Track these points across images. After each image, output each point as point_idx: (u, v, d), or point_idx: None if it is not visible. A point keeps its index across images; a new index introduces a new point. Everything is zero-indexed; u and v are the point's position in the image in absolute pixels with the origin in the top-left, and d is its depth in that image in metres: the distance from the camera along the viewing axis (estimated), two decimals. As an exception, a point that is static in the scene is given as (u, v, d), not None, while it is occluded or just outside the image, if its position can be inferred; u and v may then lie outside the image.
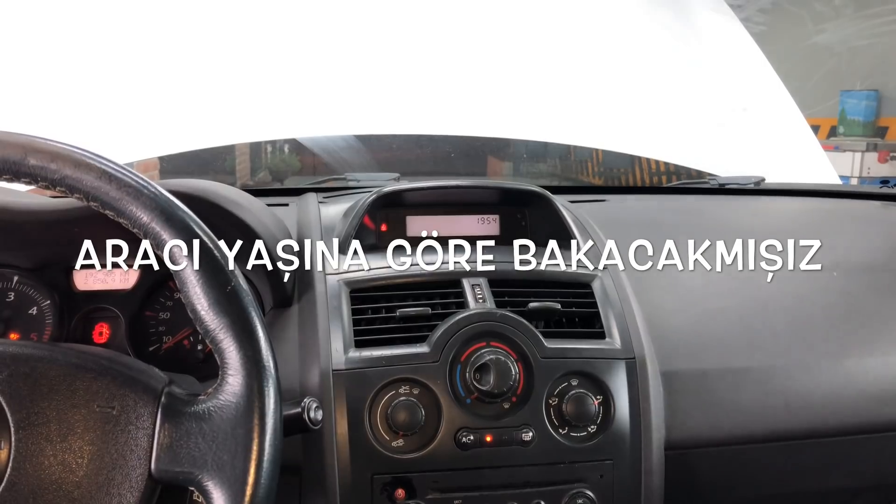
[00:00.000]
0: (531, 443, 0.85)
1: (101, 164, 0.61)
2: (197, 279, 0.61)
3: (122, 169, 0.62)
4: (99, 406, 0.59)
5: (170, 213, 0.62)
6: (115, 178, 0.61)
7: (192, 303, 0.61)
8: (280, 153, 2.23)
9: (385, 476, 0.84)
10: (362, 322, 0.91)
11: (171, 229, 0.61)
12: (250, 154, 2.11)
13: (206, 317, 0.61)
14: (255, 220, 0.90)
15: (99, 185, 0.61)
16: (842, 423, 0.96)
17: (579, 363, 0.88)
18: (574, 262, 1.01)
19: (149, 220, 0.61)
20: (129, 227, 0.62)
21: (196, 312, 0.61)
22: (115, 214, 0.62)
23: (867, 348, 1.01)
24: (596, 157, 2.06)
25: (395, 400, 0.84)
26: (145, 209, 0.61)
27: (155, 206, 0.61)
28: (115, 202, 0.61)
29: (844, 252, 1.15)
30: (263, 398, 0.60)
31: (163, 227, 0.61)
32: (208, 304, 0.61)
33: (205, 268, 0.61)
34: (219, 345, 0.61)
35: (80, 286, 0.98)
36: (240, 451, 0.58)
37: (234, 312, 0.61)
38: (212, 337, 0.61)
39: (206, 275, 0.61)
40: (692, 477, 0.95)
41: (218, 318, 0.61)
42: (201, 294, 0.61)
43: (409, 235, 1.08)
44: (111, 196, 0.61)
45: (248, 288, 0.63)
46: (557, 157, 2.02)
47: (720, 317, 1.01)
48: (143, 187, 0.62)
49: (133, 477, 0.58)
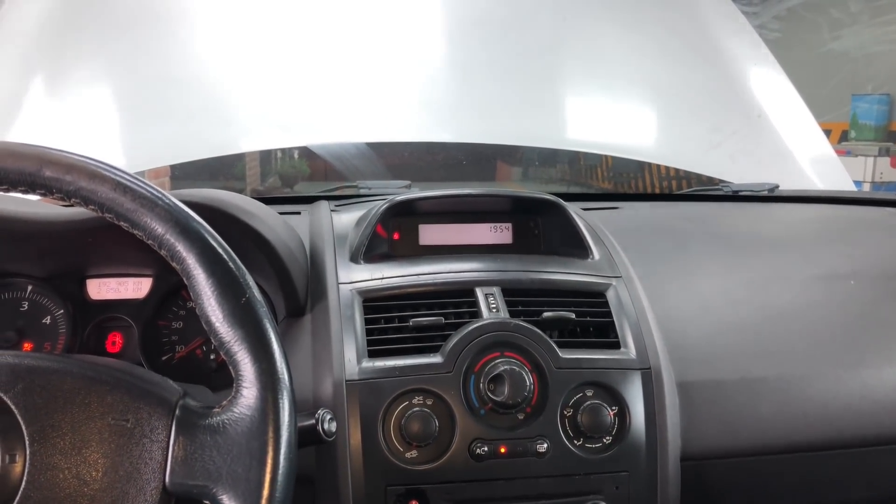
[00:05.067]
0: (546, 454, 0.84)
1: (115, 176, 0.61)
2: (211, 291, 0.61)
3: (136, 180, 0.62)
4: (113, 419, 0.59)
5: (185, 225, 0.61)
6: (130, 189, 0.61)
7: (207, 314, 0.61)
8: (290, 159, 2.24)
9: (399, 487, 0.83)
10: (375, 332, 0.90)
11: (185, 241, 0.61)
12: (260, 160, 2.12)
13: (220, 329, 0.60)
14: (269, 229, 0.90)
15: (114, 196, 0.61)
16: (861, 434, 0.95)
17: (594, 374, 0.87)
18: (588, 270, 1.00)
19: (164, 232, 0.61)
20: (144, 238, 0.62)
21: (211, 324, 0.61)
22: (130, 226, 0.62)
23: (885, 357, 0.99)
24: (607, 163, 2.05)
25: (408, 411, 0.84)
26: (160, 220, 0.61)
27: (170, 218, 0.61)
28: (130, 214, 0.61)
29: (861, 260, 1.14)
30: (278, 411, 0.60)
31: (178, 238, 0.61)
32: (223, 315, 0.60)
33: (219, 279, 0.61)
34: (233, 357, 0.60)
35: (94, 296, 0.98)
36: (254, 465, 0.58)
37: (248, 325, 0.61)
38: (226, 349, 0.61)
39: (221, 286, 0.61)
40: (709, 489, 0.93)
41: (233, 330, 0.60)
42: (216, 306, 0.60)
43: (422, 244, 1.07)
44: (126, 207, 0.61)
45: (262, 299, 0.63)
46: (568, 164, 2.01)
47: (736, 326, 1.00)
48: (157, 199, 0.62)
49: (147, 490, 0.58)
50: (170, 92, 1.56)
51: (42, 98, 1.53)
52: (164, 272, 0.98)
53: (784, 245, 1.18)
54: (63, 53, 1.57)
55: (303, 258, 0.99)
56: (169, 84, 1.56)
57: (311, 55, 1.61)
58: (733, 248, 1.16)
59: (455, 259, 1.00)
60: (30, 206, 0.91)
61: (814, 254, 1.15)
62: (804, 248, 1.18)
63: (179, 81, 1.57)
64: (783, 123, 1.63)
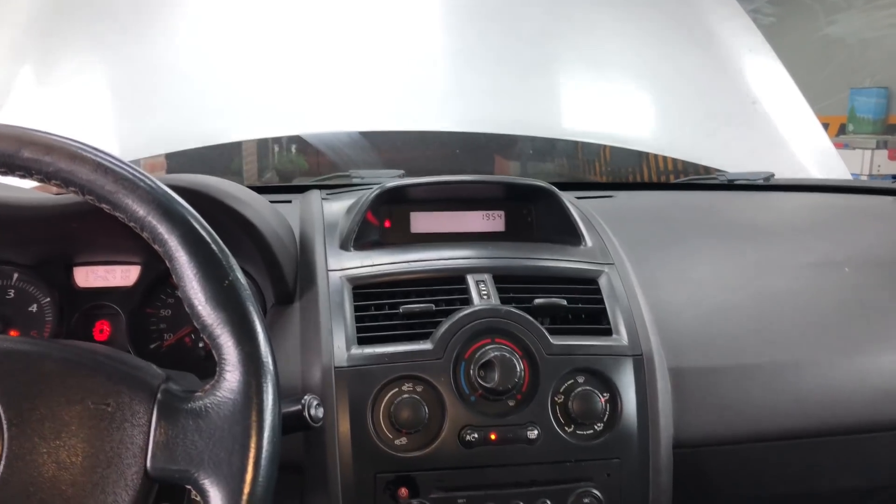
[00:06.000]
0: (537, 441, 0.84)
1: (96, 157, 0.60)
2: (194, 273, 0.60)
3: (117, 162, 0.61)
4: (94, 403, 0.58)
5: (167, 207, 0.60)
6: (111, 170, 0.60)
7: (189, 297, 0.60)
8: (287, 153, 2.22)
9: (388, 475, 0.82)
10: (365, 319, 0.89)
11: (167, 223, 0.60)
12: (258, 155, 2.10)
13: (202, 311, 0.59)
14: (256, 215, 0.89)
15: (94, 177, 0.60)
16: (855, 421, 0.94)
17: (586, 360, 0.87)
18: (580, 257, 0.99)
19: (145, 214, 0.60)
20: (126, 220, 0.61)
21: (193, 307, 0.60)
22: (111, 208, 0.61)
23: (880, 344, 0.99)
24: (604, 154, 2.04)
25: (398, 397, 0.83)
26: (141, 202, 0.60)
27: (151, 200, 0.60)
28: (111, 195, 0.60)
29: (856, 247, 1.13)
30: (261, 395, 0.59)
31: (159, 220, 0.60)
32: (205, 298, 0.59)
33: (202, 261, 0.60)
34: (216, 340, 0.59)
35: (81, 283, 0.97)
36: (237, 449, 0.57)
37: (231, 307, 0.60)
38: (209, 332, 0.60)
39: (204, 269, 0.60)
40: (701, 476, 0.93)
41: (215, 312, 0.59)
42: (198, 288, 0.59)
43: (414, 232, 1.06)
44: (107, 189, 0.60)
45: (246, 283, 0.62)
46: (564, 155, 2.00)
47: (729, 313, 0.99)
48: (139, 180, 0.61)
49: (128, 475, 0.57)
50: (161, 80, 1.55)
51: (34, 87, 1.52)
52: (152, 260, 0.97)
53: (779, 233, 1.18)
54: (55, 41, 1.56)
55: (292, 245, 0.98)
56: (160, 72, 1.55)
57: (304, 43, 1.60)
58: (728, 235, 1.15)
59: (446, 246, 0.99)
60: (14, 192, 0.90)
61: (808, 241, 1.14)
62: (799, 236, 1.17)
63: (171, 70, 1.56)
64: (778, 111, 1.62)
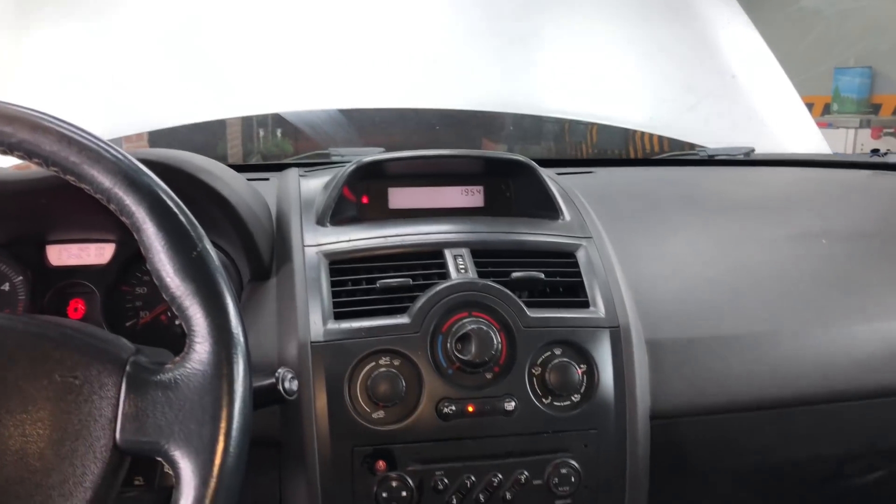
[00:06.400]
0: (514, 412, 0.84)
1: (59, 128, 0.59)
2: (161, 245, 0.59)
3: (82, 132, 0.60)
4: (60, 376, 0.58)
5: (133, 177, 0.60)
6: (75, 141, 0.59)
7: (157, 269, 0.59)
8: (273, 137, 2.20)
9: (366, 448, 0.82)
10: (342, 294, 0.89)
11: (134, 193, 0.59)
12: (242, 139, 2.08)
13: (171, 283, 0.59)
14: (230, 190, 0.88)
15: (58, 148, 0.59)
16: (830, 390, 0.95)
17: (563, 332, 0.87)
18: (558, 231, 0.99)
19: (111, 185, 0.59)
20: (92, 192, 0.60)
21: (161, 279, 0.59)
22: (77, 179, 0.60)
23: (855, 314, 0.99)
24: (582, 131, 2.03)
25: (375, 371, 0.83)
26: (107, 173, 0.59)
27: (117, 171, 0.59)
28: (75, 166, 0.59)
29: (833, 220, 1.14)
30: (231, 366, 0.58)
31: (126, 191, 0.59)
32: (173, 270, 0.59)
33: (169, 232, 0.59)
34: (185, 312, 0.59)
35: (54, 262, 0.96)
36: (207, 420, 0.57)
37: (200, 279, 0.59)
38: (178, 304, 0.59)
39: (172, 240, 0.59)
40: (679, 446, 0.94)
41: (184, 284, 0.59)
42: (166, 260, 0.59)
43: (392, 208, 1.06)
44: (71, 160, 0.59)
45: (217, 254, 0.62)
46: (546, 132, 2.00)
47: (707, 284, 1.00)
48: (104, 151, 0.60)
49: (97, 447, 0.57)
50: (138, 58, 1.53)
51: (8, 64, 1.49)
52: (127, 237, 0.96)
53: (757, 206, 1.18)
54: (31, 18, 1.53)
55: (268, 221, 0.97)
56: (137, 50, 1.53)
57: (284, 20, 1.58)
58: (706, 209, 1.16)
59: (424, 221, 0.99)
60: None
61: (786, 214, 1.15)
62: (777, 209, 1.17)
63: (148, 47, 1.53)
64: (758, 84, 1.61)
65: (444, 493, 0.83)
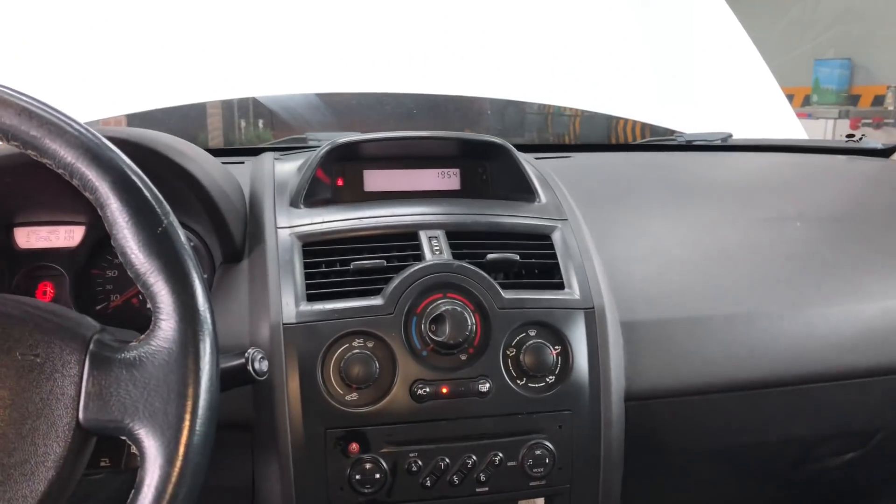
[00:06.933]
0: (488, 394, 0.84)
1: (20, 101, 0.58)
2: (126, 220, 0.58)
3: (44, 106, 0.59)
4: (21, 353, 0.56)
5: (96, 152, 0.58)
6: (36, 115, 0.58)
7: (122, 245, 0.58)
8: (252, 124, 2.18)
9: (338, 430, 0.82)
10: (316, 276, 0.88)
11: (97, 168, 0.58)
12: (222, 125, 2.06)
13: (135, 260, 0.58)
14: (201, 170, 0.87)
15: (18, 122, 0.57)
16: (803, 371, 0.95)
17: (537, 313, 0.86)
18: (534, 213, 0.98)
19: (73, 160, 0.58)
20: (54, 167, 0.59)
21: (126, 255, 0.58)
22: (38, 154, 0.58)
23: (829, 296, 1.00)
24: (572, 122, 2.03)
25: (348, 353, 0.82)
26: (69, 147, 0.58)
27: (80, 144, 0.58)
28: (36, 140, 0.58)
29: (808, 203, 1.14)
30: (198, 343, 0.57)
31: (88, 165, 0.58)
32: (138, 245, 0.58)
33: (134, 208, 0.58)
34: (150, 289, 0.58)
35: (22, 244, 0.94)
36: (173, 398, 0.56)
37: (165, 255, 0.58)
38: (142, 281, 0.58)
39: (136, 215, 0.58)
40: (653, 428, 0.94)
41: (149, 260, 0.58)
42: (130, 236, 0.58)
43: (367, 190, 1.05)
44: (31, 134, 0.58)
45: (183, 231, 0.61)
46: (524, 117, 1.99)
47: (682, 266, 1.00)
48: (66, 125, 0.58)
49: (59, 426, 0.56)
50: (115, 40, 1.50)
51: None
52: (97, 220, 0.94)
53: (733, 189, 1.18)
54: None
55: (240, 203, 0.96)
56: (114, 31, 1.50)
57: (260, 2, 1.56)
58: (682, 192, 1.16)
59: (399, 204, 0.98)
60: None
61: (762, 197, 1.15)
62: (753, 192, 1.18)
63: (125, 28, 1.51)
64: (734, 67, 1.62)
65: (417, 474, 0.83)
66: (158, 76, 1.51)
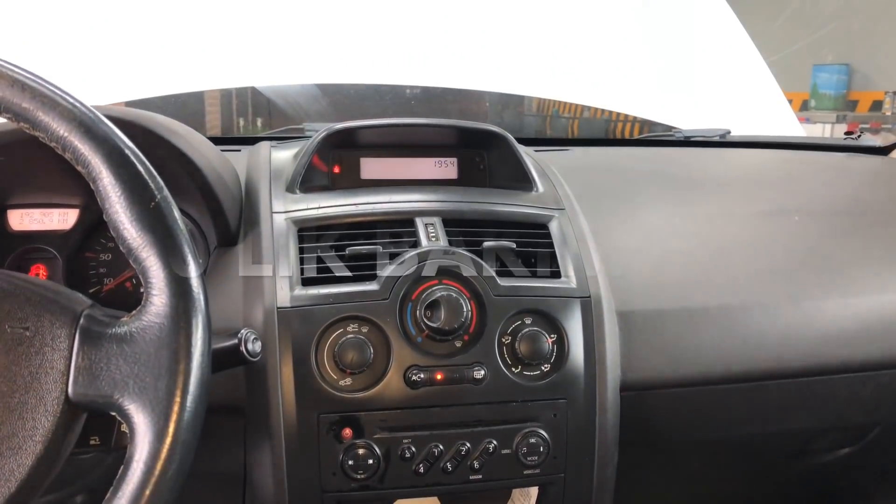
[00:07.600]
0: (483, 381, 0.83)
1: (12, 73, 0.57)
2: (118, 195, 0.57)
3: (37, 78, 0.58)
4: (10, 327, 0.56)
5: (89, 125, 0.58)
6: (29, 87, 0.57)
7: (114, 219, 0.57)
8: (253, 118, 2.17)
9: (332, 415, 0.81)
10: (311, 261, 0.87)
11: (90, 142, 0.57)
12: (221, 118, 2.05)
13: (127, 234, 0.57)
14: (197, 152, 0.86)
15: (11, 93, 0.57)
16: (799, 364, 0.95)
17: (533, 301, 0.86)
18: (532, 202, 0.98)
19: (66, 132, 0.57)
20: (47, 140, 0.58)
21: (118, 230, 0.57)
22: (31, 126, 0.58)
23: (826, 290, 1.00)
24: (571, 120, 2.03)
25: (342, 338, 0.81)
26: (62, 120, 0.57)
27: (73, 118, 0.57)
28: (29, 112, 0.57)
29: (807, 197, 1.14)
30: (190, 319, 0.57)
31: (81, 139, 0.57)
32: (130, 220, 0.57)
33: (127, 182, 0.57)
34: (142, 263, 0.57)
35: (15, 227, 0.94)
36: (164, 374, 0.55)
37: (158, 229, 0.57)
38: (134, 256, 0.57)
39: (129, 189, 0.57)
40: (648, 418, 0.93)
41: (141, 235, 0.57)
42: (122, 210, 0.57)
43: (364, 178, 1.04)
44: (23, 106, 0.57)
45: (175, 206, 0.60)
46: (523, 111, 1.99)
47: (679, 257, 1.00)
48: (60, 97, 0.58)
49: (48, 400, 0.55)
50: (115, 27, 1.50)
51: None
52: (91, 202, 0.94)
53: (731, 183, 1.18)
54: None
55: (236, 188, 0.95)
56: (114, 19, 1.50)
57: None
58: (680, 185, 1.15)
59: (396, 191, 0.97)
60: None
61: (760, 191, 1.15)
62: (751, 186, 1.17)
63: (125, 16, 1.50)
64: (733, 64, 1.61)
65: (410, 461, 0.82)
66: (158, 64, 1.51)
